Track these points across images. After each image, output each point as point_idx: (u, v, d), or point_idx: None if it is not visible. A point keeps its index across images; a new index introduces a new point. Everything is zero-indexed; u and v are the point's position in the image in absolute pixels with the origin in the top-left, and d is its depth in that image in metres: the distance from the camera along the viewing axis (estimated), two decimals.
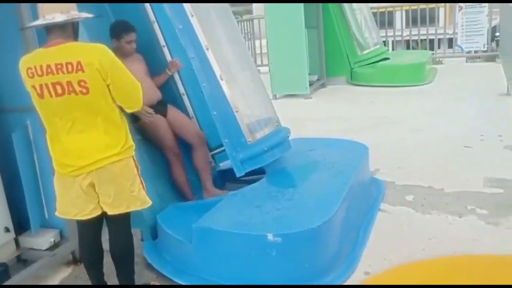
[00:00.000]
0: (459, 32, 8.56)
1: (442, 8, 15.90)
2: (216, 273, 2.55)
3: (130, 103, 2.30)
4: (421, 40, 10.40)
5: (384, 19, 9.48)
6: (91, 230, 2.39)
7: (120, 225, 2.38)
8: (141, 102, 2.34)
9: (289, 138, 3.42)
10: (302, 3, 6.75)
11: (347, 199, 2.87)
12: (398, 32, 9.82)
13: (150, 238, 2.99)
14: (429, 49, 9.51)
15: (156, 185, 3.09)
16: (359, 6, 8.49)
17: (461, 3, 8.48)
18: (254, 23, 10.34)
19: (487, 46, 8.60)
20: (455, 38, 8.73)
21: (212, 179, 3.42)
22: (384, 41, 9.12)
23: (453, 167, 4.06)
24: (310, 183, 3.24)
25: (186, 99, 3.48)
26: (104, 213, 2.32)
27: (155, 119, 3.23)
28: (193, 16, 3.09)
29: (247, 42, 10.07)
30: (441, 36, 10.52)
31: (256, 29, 10.19)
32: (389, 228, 3.16)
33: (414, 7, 9.21)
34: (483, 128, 4.90)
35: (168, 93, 3.46)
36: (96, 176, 2.21)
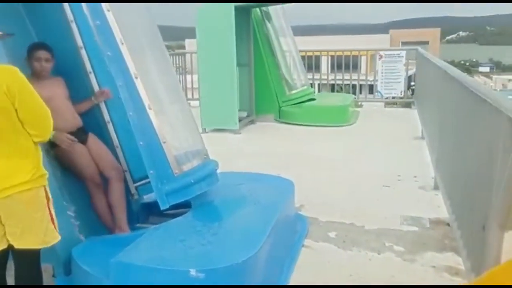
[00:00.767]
0: (379, 79, 9.16)
1: (364, 57, 17.06)
2: None
3: (38, 131, 2.14)
4: (344, 84, 10.98)
5: (312, 62, 9.93)
6: None
7: (28, 259, 2.19)
8: (50, 131, 2.20)
9: (217, 172, 3.39)
10: (234, 42, 6.89)
11: (272, 235, 2.87)
12: (324, 76, 10.30)
13: (63, 274, 2.78)
14: (351, 93, 10.06)
15: (72, 217, 2.91)
16: (289, 48, 8.84)
17: (381, 52, 9.12)
18: (187, 57, 10.39)
19: (403, 93, 9.26)
20: (375, 85, 9.30)
21: (126, 217, 3.25)
22: (311, 83, 9.51)
23: (372, 205, 4.23)
24: (236, 217, 3.20)
25: (111, 128, 3.36)
26: (10, 246, 2.12)
27: (74, 147, 3.09)
28: (123, 44, 3.03)
29: (178, 76, 10.06)
30: (363, 82, 11.19)
31: (188, 63, 10.24)
32: (312, 264, 3.20)
33: (339, 53, 9.74)
34: (400, 168, 5.18)
35: (91, 120, 3.33)
36: (2, 206, 2.04)
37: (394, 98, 9.77)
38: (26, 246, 2.14)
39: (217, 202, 3.33)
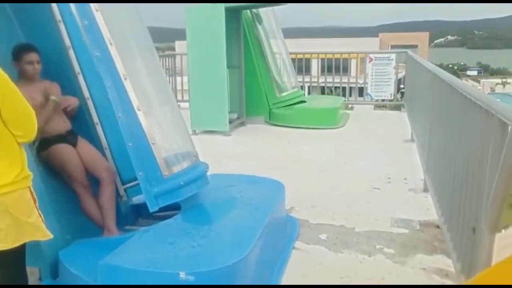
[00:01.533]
0: (369, 82, 9.19)
1: (354, 60, 17.13)
2: None
3: (22, 131, 2.09)
4: (335, 87, 11.01)
5: (302, 65, 9.93)
6: None
7: (12, 261, 2.14)
8: (34, 132, 2.14)
9: (207, 174, 3.37)
10: (224, 44, 6.87)
11: (262, 237, 2.85)
12: (314, 79, 10.32)
13: (50, 277, 2.73)
14: (341, 95, 10.10)
15: (59, 219, 2.86)
16: (279, 51, 8.85)
17: (371, 55, 9.16)
18: (177, 59, 10.34)
19: (393, 95, 9.30)
20: (366, 87, 9.34)
21: (115, 219, 3.20)
22: (301, 86, 9.52)
23: (363, 207, 4.23)
24: (226, 220, 3.18)
25: (100, 129, 3.32)
26: None
27: (63, 149, 3.05)
28: (112, 44, 3.00)
29: (168, 77, 10.01)
30: (353, 85, 11.23)
31: (178, 65, 10.19)
32: (303, 266, 3.18)
33: (329, 56, 9.77)
34: (390, 171, 5.20)
35: (80, 122, 3.29)
36: None
37: (384, 100, 9.82)
38: (7, 247, 2.08)
39: (207, 204, 3.30)
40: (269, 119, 8.18)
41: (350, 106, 9.91)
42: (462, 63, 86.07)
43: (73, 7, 3.08)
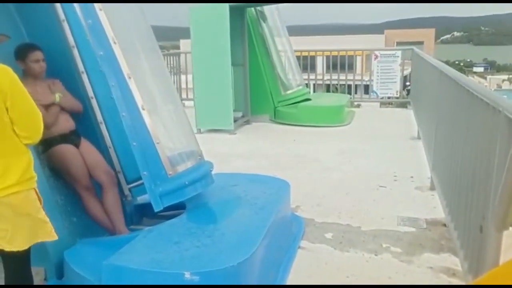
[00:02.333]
0: (375, 79, 9.13)
1: (359, 57, 17.05)
2: None
3: (28, 132, 2.09)
4: (340, 84, 10.95)
5: (307, 62, 9.90)
6: None
7: (17, 261, 2.14)
8: (40, 133, 2.14)
9: (211, 173, 3.35)
10: (229, 42, 6.85)
11: (268, 236, 2.83)
12: (319, 76, 10.28)
13: (55, 277, 2.73)
14: (347, 93, 10.04)
15: (64, 219, 2.86)
16: (284, 48, 8.81)
17: (376, 52, 9.11)
18: (181, 57, 10.34)
19: (399, 93, 9.24)
20: (371, 85, 9.29)
21: (124, 220, 3.20)
22: (306, 83, 9.48)
23: (369, 205, 4.20)
24: (231, 219, 3.17)
25: (104, 129, 3.31)
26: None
27: (65, 149, 3.04)
28: (115, 43, 2.99)
29: (173, 76, 10.01)
30: (358, 82, 11.19)
31: (183, 63, 10.19)
32: (308, 265, 3.16)
33: (334, 53, 9.73)
34: (396, 169, 5.16)
35: (84, 121, 3.28)
36: None
37: (389, 98, 9.76)
38: (15, 248, 2.09)
39: (212, 203, 3.29)
40: (274, 118, 8.15)
41: (357, 103, 9.86)
42: (469, 60, 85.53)
43: (76, 6, 3.07)
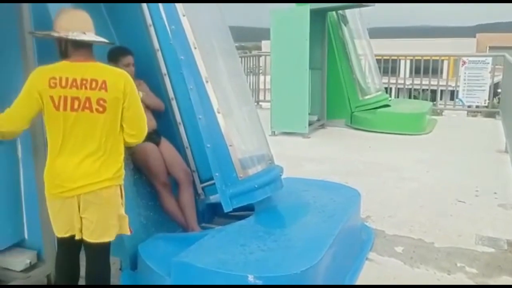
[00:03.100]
0: (461, 86, 8.64)
1: (446, 61, 16.22)
2: None
3: (136, 131, 2.32)
4: (423, 90, 10.50)
5: (388, 66, 9.60)
6: (71, 250, 2.35)
7: (98, 253, 2.33)
8: (145, 133, 2.37)
9: (281, 177, 3.38)
10: (308, 45, 6.84)
11: (335, 245, 2.80)
12: (401, 80, 9.93)
13: (129, 268, 2.90)
14: (430, 99, 9.59)
15: (141, 213, 3.03)
16: (364, 52, 8.63)
17: (464, 58, 8.61)
18: (261, 58, 10.49)
19: (488, 102, 8.67)
20: (457, 91, 8.81)
21: (196, 217, 3.32)
22: (386, 87, 9.21)
23: (445, 221, 4.00)
24: (298, 225, 3.17)
25: (182, 129, 3.46)
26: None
27: (147, 147, 3.21)
28: (196, 48, 3.11)
29: (252, 77, 10.19)
30: (443, 88, 10.64)
31: (262, 65, 10.33)
32: (375, 278, 3.09)
33: (418, 57, 9.35)
34: (479, 183, 4.86)
35: (164, 121, 3.45)
36: (83, 200, 2.18)
37: (477, 107, 9.17)
38: (97, 240, 2.27)
39: (280, 208, 3.32)
40: (350, 123, 8.02)
41: (439, 111, 9.41)
42: None
43: (162, 12, 3.23)
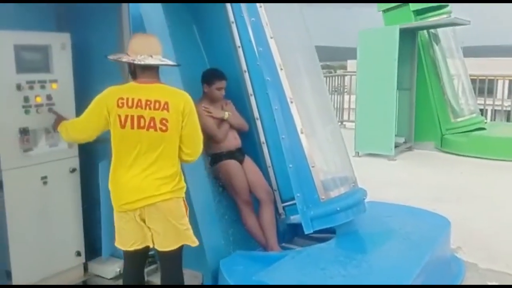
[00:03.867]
0: None
1: None
2: None
3: (191, 150, 2.44)
4: None
5: (484, 86, 9.04)
6: (137, 263, 2.50)
7: (170, 261, 2.44)
8: (199, 153, 2.49)
9: (365, 201, 3.29)
10: (396, 65, 6.67)
11: (421, 276, 2.66)
12: (498, 102, 9.29)
13: (210, 282, 2.96)
14: None
15: (222, 229, 3.10)
16: (457, 72, 8.22)
17: None
18: (346, 78, 10.40)
19: None
20: None
21: (276, 237, 3.32)
22: (481, 109, 8.67)
23: None
24: (381, 252, 3.05)
25: (265, 148, 3.50)
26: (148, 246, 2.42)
27: (231, 164, 3.30)
28: (282, 69, 3.15)
29: (336, 96, 10.11)
30: None
31: (347, 84, 10.22)
32: None
33: None
34: None
35: (249, 140, 3.52)
36: (147, 212, 2.33)
37: None
38: (166, 248, 2.39)
39: (362, 232, 3.22)
40: (440, 146, 7.64)
41: None
42: None
43: (251, 34, 3.33)
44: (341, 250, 2.98)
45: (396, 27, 6.71)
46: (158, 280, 2.59)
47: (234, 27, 3.42)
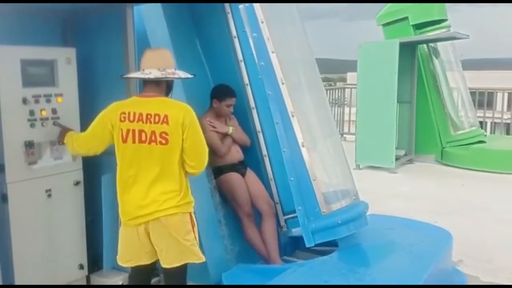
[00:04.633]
0: None
1: None
2: None
3: (195, 162, 2.39)
4: None
5: (484, 99, 9.09)
6: (139, 277, 2.50)
7: (174, 279, 2.43)
8: (204, 166, 2.45)
9: (366, 214, 3.30)
10: (396, 78, 6.72)
11: None
12: (498, 114, 9.34)
13: None
14: None
15: (225, 242, 3.11)
16: (457, 85, 8.27)
17: None
18: (346, 90, 10.45)
19: None
20: None
21: (278, 250, 3.33)
22: (481, 122, 8.70)
23: None
24: (383, 265, 3.06)
25: (267, 161, 3.54)
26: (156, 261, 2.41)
27: (233, 177, 3.32)
28: (283, 84, 3.19)
29: (336, 108, 10.16)
30: None
31: (347, 96, 10.27)
32: None
33: None
34: None
35: (250, 153, 3.55)
36: (151, 227, 2.32)
37: None
38: (170, 265, 2.37)
39: (364, 245, 3.23)
40: (440, 159, 7.66)
41: None
42: None
43: (253, 48, 3.38)
44: (343, 263, 2.99)
45: (396, 40, 6.78)
46: None
47: (236, 42, 3.48)
